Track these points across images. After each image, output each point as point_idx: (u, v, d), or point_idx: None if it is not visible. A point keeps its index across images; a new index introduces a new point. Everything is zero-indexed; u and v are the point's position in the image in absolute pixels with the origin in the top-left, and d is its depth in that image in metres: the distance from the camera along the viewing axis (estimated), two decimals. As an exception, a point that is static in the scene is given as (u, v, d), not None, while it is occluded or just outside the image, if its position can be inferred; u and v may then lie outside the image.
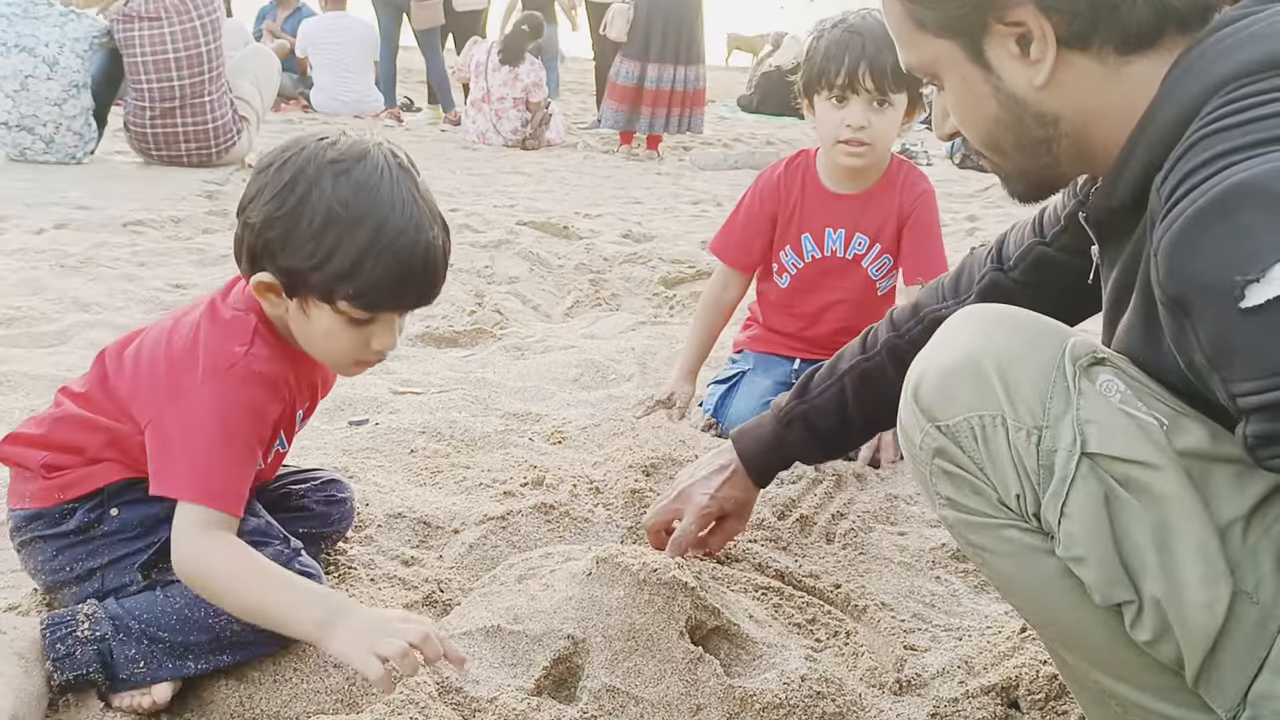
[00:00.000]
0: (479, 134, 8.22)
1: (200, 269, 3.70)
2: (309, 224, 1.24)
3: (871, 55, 2.13)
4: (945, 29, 1.05)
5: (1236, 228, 0.82)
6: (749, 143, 9.23)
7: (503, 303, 3.49)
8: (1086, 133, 1.05)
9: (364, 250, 1.24)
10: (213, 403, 1.28)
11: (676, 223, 5.23)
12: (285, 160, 1.26)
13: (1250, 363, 0.83)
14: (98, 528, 1.38)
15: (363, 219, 1.24)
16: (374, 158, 1.27)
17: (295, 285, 1.28)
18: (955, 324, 1.15)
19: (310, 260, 1.25)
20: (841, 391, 1.57)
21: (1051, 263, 1.38)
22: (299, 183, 1.24)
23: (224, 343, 1.31)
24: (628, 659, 1.40)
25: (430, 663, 1.23)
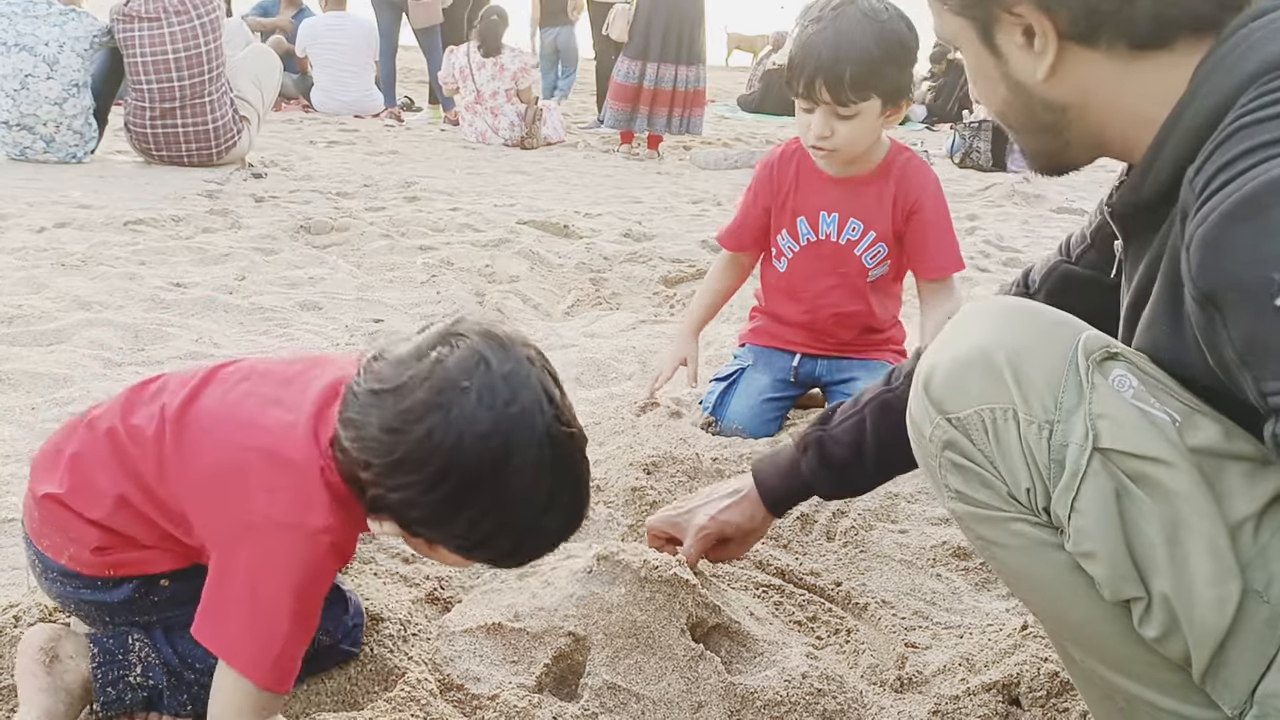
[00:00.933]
0: (478, 134, 8.22)
1: (201, 268, 3.70)
2: (463, 514, 1.09)
3: (829, 66, 2.07)
4: (960, 9, 1.07)
5: (1271, 224, 0.81)
6: (749, 142, 9.22)
7: (503, 301, 3.49)
8: (1098, 123, 1.06)
9: (525, 535, 1.13)
10: (289, 565, 1.13)
11: (677, 222, 5.23)
12: (430, 431, 1.06)
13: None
14: (148, 598, 1.29)
15: (526, 504, 1.10)
16: (529, 415, 1.08)
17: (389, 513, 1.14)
18: (967, 317, 1.14)
19: (461, 542, 1.14)
20: (861, 422, 1.50)
21: (1076, 279, 1.36)
22: (450, 471, 1.06)
23: (311, 495, 1.15)
24: (629, 656, 1.40)
25: None
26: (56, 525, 1.26)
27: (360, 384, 1.11)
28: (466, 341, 1.09)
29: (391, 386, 1.08)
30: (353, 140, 7.74)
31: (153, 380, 1.31)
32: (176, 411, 1.22)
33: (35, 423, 2.22)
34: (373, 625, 1.45)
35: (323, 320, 3.20)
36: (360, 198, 5.27)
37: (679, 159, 8.08)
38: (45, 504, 1.26)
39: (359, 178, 5.87)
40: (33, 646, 1.28)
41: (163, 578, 1.28)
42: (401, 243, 4.26)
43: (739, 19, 19.29)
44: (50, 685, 1.25)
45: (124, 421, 1.25)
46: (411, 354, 1.10)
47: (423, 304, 3.45)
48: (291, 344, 2.92)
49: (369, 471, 1.10)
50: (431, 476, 1.06)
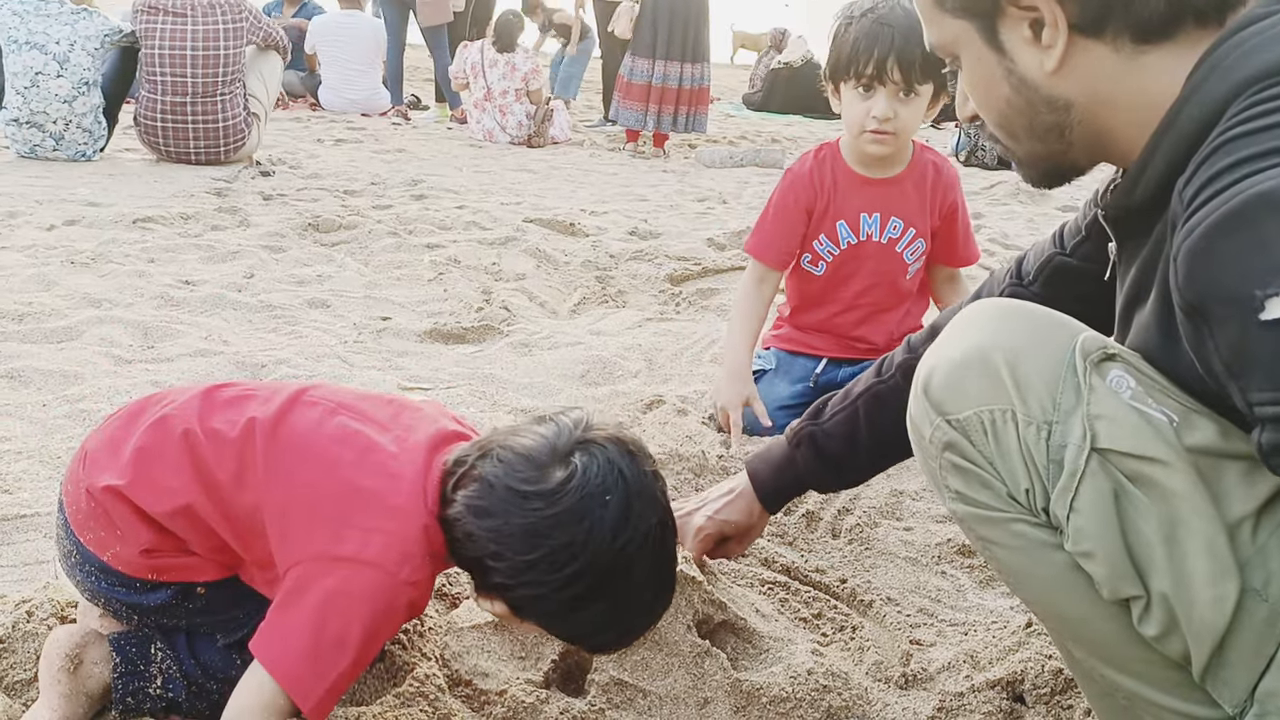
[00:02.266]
0: (485, 132, 8.24)
1: (210, 265, 3.72)
2: (577, 614, 1.17)
3: (900, 47, 2.13)
4: (962, 9, 1.06)
5: (1258, 239, 0.82)
6: (754, 140, 9.22)
7: (510, 299, 3.50)
8: (1100, 121, 1.05)
9: (621, 632, 1.23)
10: (366, 607, 1.14)
11: (682, 220, 5.24)
12: (570, 542, 1.12)
13: (1268, 374, 0.83)
14: (183, 604, 1.30)
15: (630, 610, 1.20)
16: (651, 539, 1.17)
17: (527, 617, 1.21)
18: (966, 318, 1.15)
19: (565, 631, 1.23)
20: (854, 414, 1.52)
21: (1071, 271, 1.37)
22: (578, 580, 1.13)
23: (409, 546, 1.17)
24: (635, 653, 1.41)
25: None
26: (108, 520, 1.25)
27: (497, 476, 1.15)
28: (604, 452, 1.16)
29: (537, 490, 1.13)
30: (360, 138, 7.76)
31: (225, 386, 1.32)
32: (270, 423, 1.23)
33: (46, 419, 2.24)
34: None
35: (331, 318, 3.22)
36: (368, 196, 5.28)
37: (684, 157, 8.08)
38: (105, 496, 1.24)
39: (366, 176, 5.89)
40: (59, 651, 1.28)
41: (200, 585, 1.28)
42: (409, 241, 4.27)
43: (745, 17, 19.26)
44: (72, 691, 1.26)
45: (203, 424, 1.25)
46: (548, 454, 1.16)
47: (430, 301, 3.47)
48: (300, 341, 2.93)
49: (500, 562, 1.15)
50: (567, 578, 1.13)
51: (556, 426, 1.18)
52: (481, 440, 1.23)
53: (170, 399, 1.31)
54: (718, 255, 4.25)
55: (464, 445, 1.24)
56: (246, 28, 5.75)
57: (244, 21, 5.71)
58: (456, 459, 1.20)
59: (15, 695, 1.33)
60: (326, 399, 1.28)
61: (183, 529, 1.24)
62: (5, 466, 1.98)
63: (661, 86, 7.64)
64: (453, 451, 1.23)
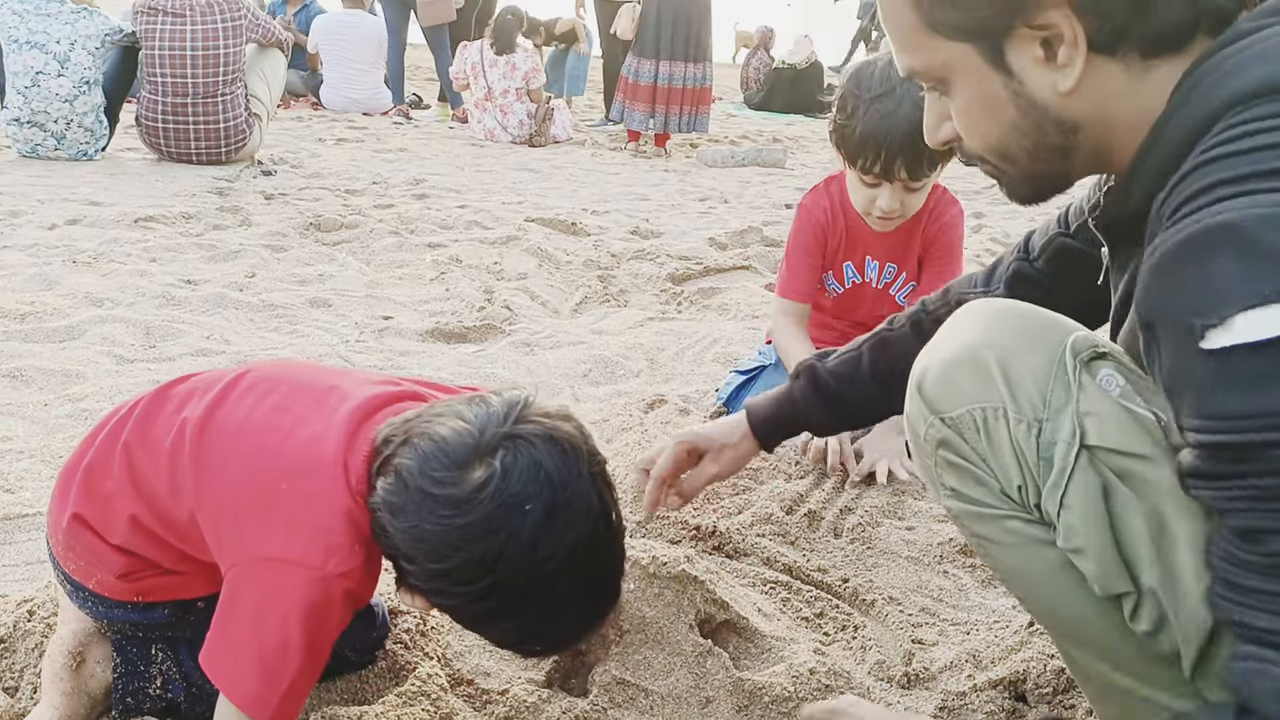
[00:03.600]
0: (486, 131, 8.24)
1: (211, 265, 3.72)
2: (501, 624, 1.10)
3: (907, 148, 2.04)
4: (962, 31, 0.97)
5: (1210, 270, 0.81)
6: (756, 140, 9.22)
7: (512, 299, 3.50)
8: (1105, 139, 1.01)
9: (552, 644, 1.17)
10: (298, 606, 1.08)
11: (684, 219, 5.24)
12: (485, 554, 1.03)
13: (1196, 402, 0.84)
14: (183, 618, 1.28)
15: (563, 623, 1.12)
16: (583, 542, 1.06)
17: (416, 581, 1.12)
18: (959, 318, 1.16)
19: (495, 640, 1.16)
20: (858, 356, 1.55)
21: (1072, 253, 1.38)
22: (496, 590, 1.06)
23: (332, 538, 1.10)
24: (637, 652, 1.41)
25: None
26: (83, 549, 1.23)
27: (411, 471, 1.06)
28: (531, 451, 1.05)
29: (448, 495, 1.04)
30: (361, 138, 7.76)
31: (179, 382, 1.27)
32: (197, 424, 1.18)
33: (48, 419, 2.24)
34: (390, 619, 1.46)
35: (333, 317, 3.22)
36: (369, 195, 5.28)
37: (686, 157, 8.08)
38: (73, 525, 1.22)
39: (368, 175, 5.89)
40: (62, 650, 1.28)
41: (198, 600, 1.25)
42: (410, 240, 4.27)
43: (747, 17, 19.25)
44: (74, 689, 1.26)
45: (141, 435, 1.21)
46: (469, 450, 1.05)
47: (431, 301, 3.47)
48: (302, 340, 2.93)
49: (413, 565, 1.08)
50: (479, 592, 1.05)
51: (486, 413, 1.08)
52: (410, 417, 1.13)
53: (124, 407, 1.27)
54: (719, 255, 4.25)
55: (394, 420, 1.14)
56: (245, 25, 5.75)
57: (242, 19, 5.71)
58: (384, 437, 1.12)
59: (16, 695, 1.33)
60: (264, 379, 1.22)
61: (143, 548, 1.20)
62: (7, 466, 1.98)
63: (667, 87, 7.65)
64: (383, 426, 1.14)
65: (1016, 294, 1.42)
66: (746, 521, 1.89)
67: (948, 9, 0.96)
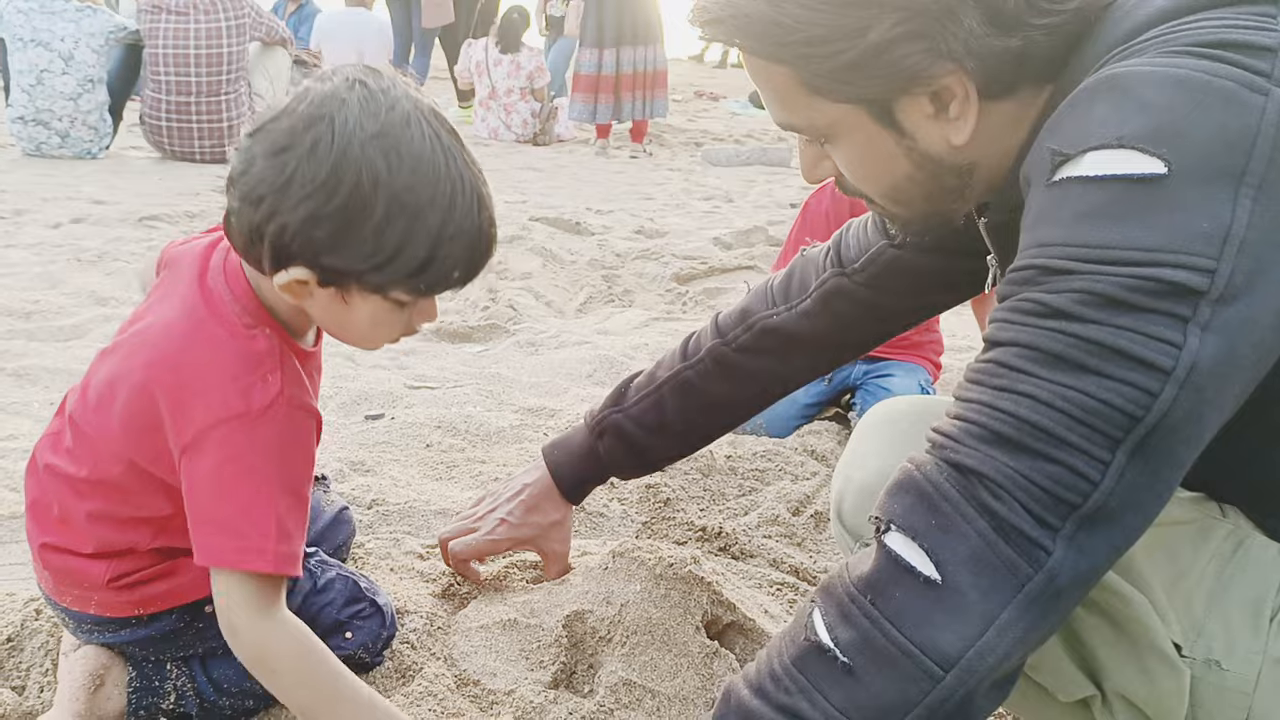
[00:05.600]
0: (490, 131, 8.23)
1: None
2: (368, 221, 1.01)
3: None
4: (853, 95, 0.92)
5: (1085, 113, 0.81)
6: (761, 139, 9.21)
7: (516, 298, 3.50)
8: (998, 168, 0.98)
9: (436, 239, 1.03)
10: (261, 449, 1.07)
11: (689, 219, 5.24)
12: (316, 140, 1.00)
13: (1027, 235, 0.83)
14: (192, 625, 1.27)
15: (431, 203, 1.02)
16: (414, 119, 1.02)
17: (340, 281, 1.06)
18: (867, 432, 1.19)
19: (373, 260, 1.03)
20: (660, 401, 1.46)
21: (901, 264, 1.32)
22: (345, 169, 0.99)
23: (252, 372, 1.08)
24: (644, 653, 1.41)
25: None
26: (65, 574, 1.23)
27: (240, 149, 1.05)
28: (339, 74, 1.04)
29: (270, 118, 1.03)
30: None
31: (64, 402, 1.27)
32: (77, 404, 1.19)
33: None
34: (397, 620, 1.46)
35: (337, 316, 3.21)
36: (373, 194, 5.28)
37: (690, 156, 8.07)
38: (45, 554, 1.23)
39: (372, 174, 5.89)
40: (84, 669, 1.27)
41: (206, 603, 1.21)
42: (414, 239, 4.27)
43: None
44: (88, 711, 1.25)
45: (53, 446, 1.22)
46: (283, 102, 1.05)
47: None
48: (306, 340, 2.93)
49: (263, 207, 1.02)
50: (328, 182, 0.99)
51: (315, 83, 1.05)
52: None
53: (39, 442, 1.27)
54: (724, 254, 4.25)
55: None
56: (249, 23, 5.76)
57: (245, 17, 5.72)
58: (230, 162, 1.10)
59: (24, 694, 1.33)
60: (121, 330, 1.21)
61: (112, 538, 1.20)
62: (12, 465, 1.98)
63: (614, 75, 7.54)
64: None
65: (832, 309, 1.37)
66: (753, 523, 1.88)
67: (834, 81, 0.91)
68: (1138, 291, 0.75)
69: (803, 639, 0.86)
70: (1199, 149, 0.75)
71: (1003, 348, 0.81)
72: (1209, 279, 0.74)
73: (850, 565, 0.87)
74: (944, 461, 0.82)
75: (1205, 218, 0.74)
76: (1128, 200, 0.76)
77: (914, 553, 0.81)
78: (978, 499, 0.79)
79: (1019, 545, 0.78)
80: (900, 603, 0.81)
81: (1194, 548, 0.97)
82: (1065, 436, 0.77)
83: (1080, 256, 0.77)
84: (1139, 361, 0.75)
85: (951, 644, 0.79)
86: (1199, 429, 0.78)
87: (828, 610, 0.85)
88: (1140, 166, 0.76)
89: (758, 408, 1.51)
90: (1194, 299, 0.74)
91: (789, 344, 1.41)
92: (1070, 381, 0.77)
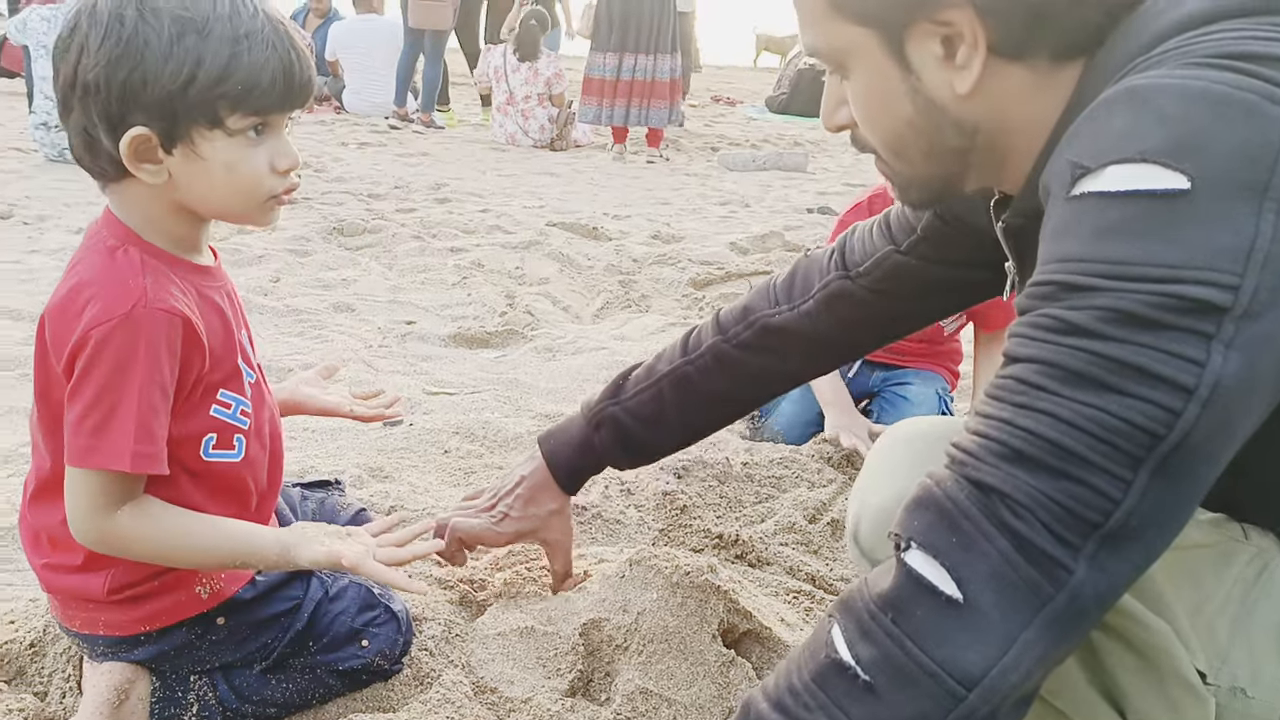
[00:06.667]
0: (508, 136, 8.26)
1: (236, 269, 3.74)
2: (160, 41, 1.07)
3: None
4: (864, 17, 0.92)
5: (1104, 125, 0.80)
6: (777, 143, 9.21)
7: (533, 304, 3.51)
8: (1004, 144, 0.97)
9: (228, 42, 1.09)
10: (126, 351, 1.10)
11: (705, 224, 5.24)
12: (90, 7, 1.09)
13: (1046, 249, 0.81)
14: (204, 640, 1.29)
15: (214, 14, 1.09)
16: None
17: (174, 122, 1.10)
18: (883, 454, 1.18)
19: (178, 77, 1.08)
20: (659, 395, 1.47)
21: (906, 270, 1.32)
22: (124, 12, 1.07)
23: (116, 283, 1.12)
24: (660, 661, 1.41)
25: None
26: (67, 594, 1.26)
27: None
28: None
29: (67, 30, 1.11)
30: (384, 142, 7.80)
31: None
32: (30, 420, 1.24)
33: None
34: (414, 626, 1.47)
35: (356, 322, 3.23)
36: (392, 199, 5.31)
37: (707, 160, 8.08)
38: (46, 575, 1.26)
39: (390, 179, 5.92)
40: (109, 684, 1.28)
41: (217, 615, 1.28)
42: (432, 244, 4.29)
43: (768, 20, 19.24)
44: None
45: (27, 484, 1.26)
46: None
47: (454, 305, 3.48)
48: (325, 345, 2.95)
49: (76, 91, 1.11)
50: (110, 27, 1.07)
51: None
52: None
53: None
54: (741, 259, 4.25)
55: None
56: None
57: None
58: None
59: (45, 700, 1.34)
60: None
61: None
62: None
63: (629, 80, 7.59)
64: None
65: (834, 311, 1.38)
66: (770, 530, 1.88)
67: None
68: (1160, 308, 0.74)
69: (823, 655, 0.86)
70: (1221, 163, 0.74)
71: (1023, 364, 0.80)
72: (1233, 295, 0.73)
73: (870, 581, 0.87)
74: (964, 478, 0.81)
75: (1229, 233, 0.73)
76: (1150, 216, 0.75)
77: (935, 571, 0.81)
78: (998, 517, 0.79)
79: (1040, 564, 0.78)
80: (922, 621, 0.81)
81: (1217, 572, 0.96)
82: (1087, 455, 0.76)
83: (1102, 273, 0.76)
84: (1161, 379, 0.74)
85: (974, 663, 0.79)
86: (1222, 446, 0.77)
87: (847, 627, 0.85)
88: (1163, 181, 0.75)
89: (756, 404, 1.54)
90: (1217, 316, 0.73)
91: (789, 343, 1.42)
92: (1092, 400, 0.76)
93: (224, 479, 1.26)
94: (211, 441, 1.23)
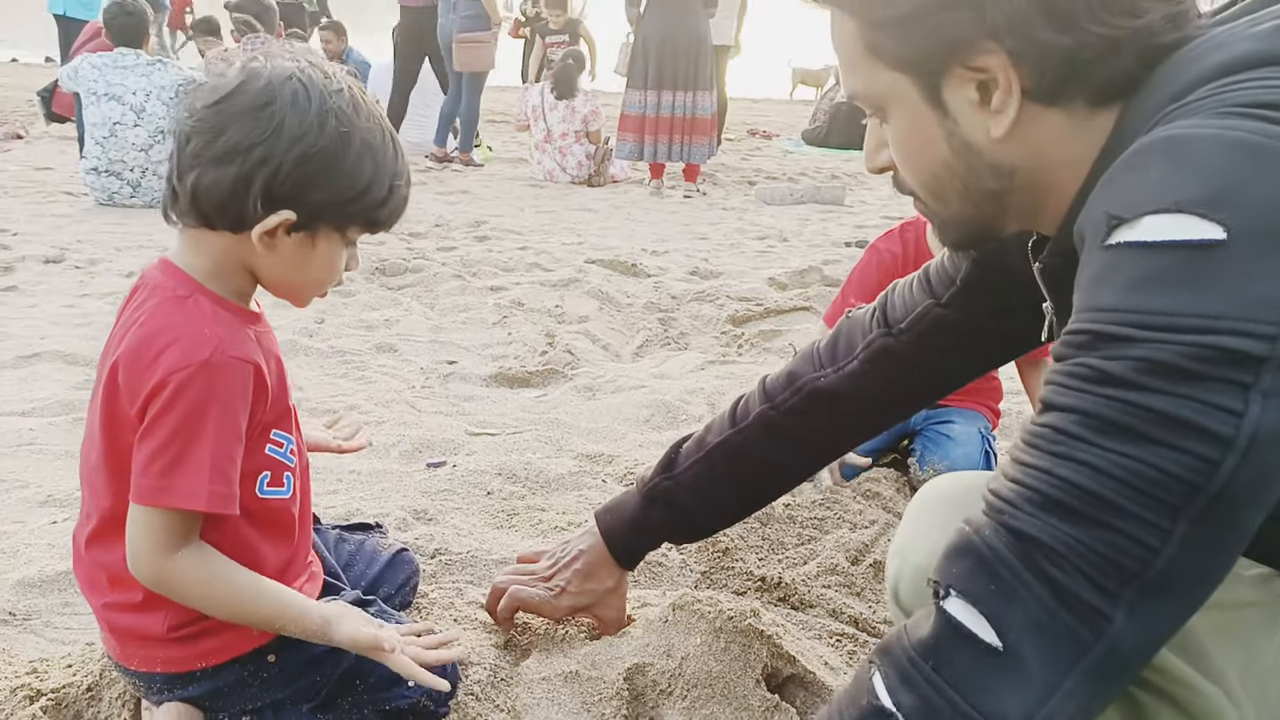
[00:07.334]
0: (546, 172, 8.35)
1: (281, 310, 3.79)
2: (348, 155, 1.17)
3: None
4: (902, 63, 0.95)
5: (1140, 175, 0.81)
6: (814, 177, 9.22)
7: (573, 343, 3.54)
8: (1042, 187, 0.98)
9: (393, 175, 1.21)
10: (201, 397, 1.15)
11: (743, 259, 5.26)
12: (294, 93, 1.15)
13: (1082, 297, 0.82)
14: (257, 676, 1.32)
15: (383, 145, 1.21)
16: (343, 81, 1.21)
17: (317, 220, 1.19)
18: (919, 515, 1.19)
19: (350, 192, 1.18)
20: (711, 467, 1.48)
21: (948, 323, 1.33)
22: (325, 114, 1.15)
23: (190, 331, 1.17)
24: (704, 706, 1.41)
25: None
26: (127, 633, 1.29)
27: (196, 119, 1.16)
28: (257, 49, 1.20)
29: (228, 91, 1.15)
30: (424, 180, 7.89)
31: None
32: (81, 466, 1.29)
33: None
34: (460, 670, 1.48)
35: (398, 362, 3.27)
36: (432, 238, 5.37)
37: (744, 194, 8.11)
38: (107, 614, 1.30)
39: (431, 217, 5.99)
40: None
41: (269, 652, 1.31)
42: (473, 283, 4.34)
43: (804, 53, 19.30)
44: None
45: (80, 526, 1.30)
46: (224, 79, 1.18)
47: (494, 345, 3.51)
48: (369, 387, 2.99)
49: (254, 156, 1.14)
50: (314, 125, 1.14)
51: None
52: None
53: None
54: (779, 295, 4.26)
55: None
56: None
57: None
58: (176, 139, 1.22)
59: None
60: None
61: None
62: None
63: (668, 116, 7.68)
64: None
65: (880, 370, 1.38)
66: (812, 572, 1.88)
67: (888, 38, 0.95)
68: (1197, 359, 0.74)
69: (864, 702, 0.87)
70: (1257, 213, 0.75)
71: (1060, 413, 0.81)
72: (1270, 345, 0.73)
73: (909, 628, 0.87)
74: (1002, 526, 0.82)
75: (1265, 283, 0.74)
76: (1186, 266, 0.76)
77: (975, 619, 0.81)
78: (1037, 566, 0.79)
79: (1080, 613, 0.78)
80: (962, 669, 0.82)
81: (1266, 632, 0.96)
82: (1125, 506, 0.76)
83: (1138, 323, 0.77)
84: (1199, 430, 0.74)
85: (1015, 712, 0.80)
86: (1262, 495, 0.77)
87: (888, 674, 0.86)
88: (1199, 232, 0.76)
89: (808, 472, 1.53)
90: (1255, 366, 0.73)
91: (837, 406, 1.41)
92: (1130, 450, 0.76)
93: (274, 515, 1.30)
94: (266, 479, 1.28)
